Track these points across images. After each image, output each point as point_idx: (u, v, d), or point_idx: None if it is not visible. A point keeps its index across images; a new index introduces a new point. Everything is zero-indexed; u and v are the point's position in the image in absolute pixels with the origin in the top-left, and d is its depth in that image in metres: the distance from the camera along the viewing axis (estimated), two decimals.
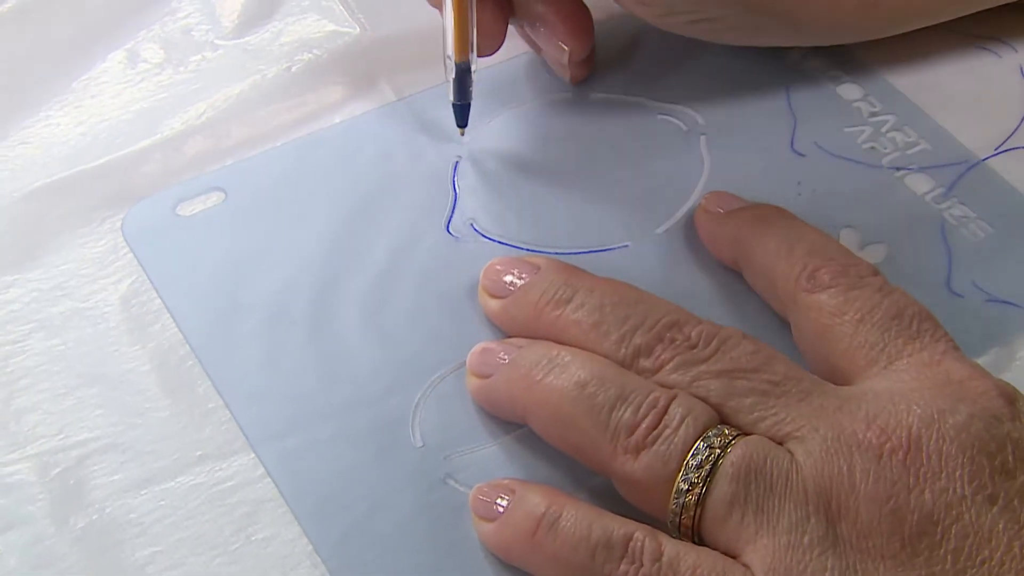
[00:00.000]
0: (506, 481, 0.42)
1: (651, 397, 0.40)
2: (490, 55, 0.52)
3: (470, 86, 0.51)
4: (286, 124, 0.53)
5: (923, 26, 0.53)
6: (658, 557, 0.38)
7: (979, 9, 0.54)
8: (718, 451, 0.39)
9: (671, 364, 0.41)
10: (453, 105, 0.52)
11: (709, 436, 0.39)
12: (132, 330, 0.47)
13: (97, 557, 0.41)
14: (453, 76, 0.51)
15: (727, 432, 0.39)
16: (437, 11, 0.50)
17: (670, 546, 0.38)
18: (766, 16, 0.51)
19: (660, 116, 0.53)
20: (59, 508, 0.42)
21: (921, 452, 0.37)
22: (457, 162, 0.51)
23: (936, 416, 0.38)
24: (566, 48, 0.52)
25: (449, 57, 0.51)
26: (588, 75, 0.54)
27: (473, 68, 0.51)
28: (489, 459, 0.43)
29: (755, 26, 0.52)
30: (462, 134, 0.52)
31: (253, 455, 0.44)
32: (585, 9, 0.52)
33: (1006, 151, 0.51)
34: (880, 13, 0.52)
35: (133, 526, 0.42)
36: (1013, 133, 0.51)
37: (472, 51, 0.51)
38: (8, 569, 0.41)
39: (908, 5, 0.52)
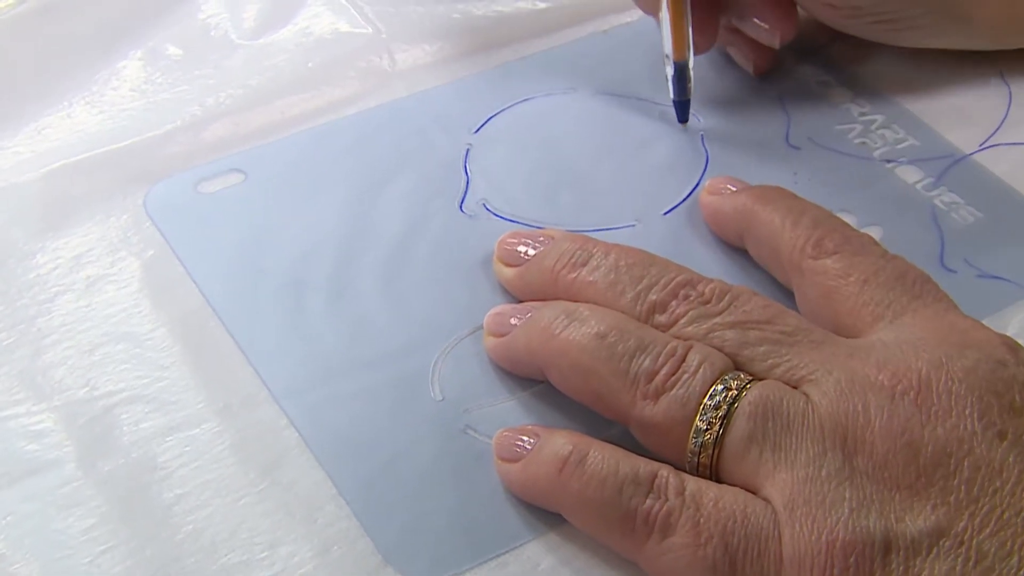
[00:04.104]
0: (530, 426, 0.43)
1: (669, 346, 0.42)
2: (705, 52, 0.56)
3: (689, 83, 0.54)
4: (302, 115, 0.55)
5: None
6: (682, 492, 0.39)
7: None
8: (735, 392, 0.40)
9: (686, 318, 0.43)
10: (674, 102, 0.55)
11: (726, 379, 0.40)
12: (155, 294, 0.48)
13: (124, 499, 0.42)
14: (672, 74, 0.54)
15: (743, 376, 0.41)
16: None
17: (692, 482, 0.39)
18: (945, 18, 0.54)
19: (662, 114, 0.55)
20: (86, 454, 0.43)
21: (932, 392, 0.39)
22: (468, 149, 0.53)
23: (944, 360, 0.39)
24: (776, 32, 0.55)
25: (668, 56, 0.54)
26: (773, 65, 0.58)
27: (691, 66, 0.54)
28: (507, 413, 0.44)
29: (932, 27, 0.55)
30: (684, 128, 0.55)
31: (276, 408, 0.45)
32: None
33: (990, 147, 0.53)
34: None
35: (159, 469, 0.43)
36: (995, 132, 0.54)
37: (689, 50, 0.54)
38: (35, 510, 0.42)
39: None
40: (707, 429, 0.40)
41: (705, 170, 0.53)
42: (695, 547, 0.38)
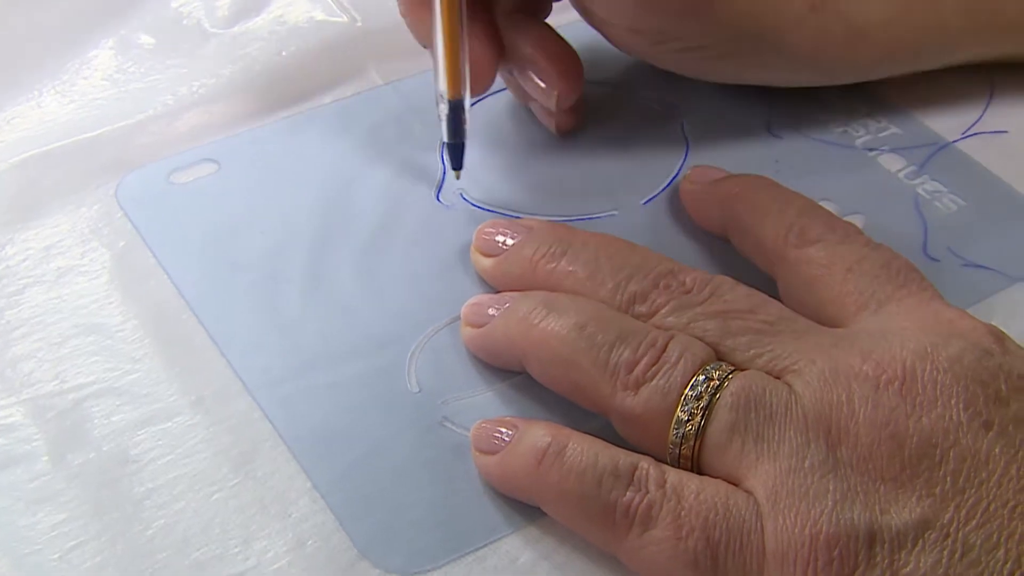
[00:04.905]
0: (508, 418, 0.42)
1: (649, 336, 0.41)
2: (480, 94, 0.51)
3: (464, 124, 0.50)
4: (276, 104, 0.54)
5: (909, 72, 0.54)
6: (662, 484, 0.38)
7: (968, 59, 0.55)
8: (717, 383, 0.39)
9: (666, 308, 0.42)
10: (447, 145, 0.50)
11: (708, 370, 0.40)
12: (127, 286, 0.47)
13: (95, 492, 0.41)
14: (447, 113, 0.49)
15: (725, 367, 0.40)
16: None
17: (673, 474, 0.39)
18: (755, 43, 0.51)
19: (641, 101, 0.55)
20: (56, 447, 0.42)
21: (916, 382, 0.38)
22: None
23: (929, 350, 0.39)
24: (554, 92, 0.51)
25: (441, 95, 0.49)
26: (576, 126, 0.53)
27: (466, 105, 0.50)
28: (486, 404, 0.44)
29: (746, 56, 0.52)
30: (457, 177, 0.51)
31: (250, 400, 0.44)
32: (573, 52, 0.52)
33: (973, 135, 0.53)
34: (866, 49, 0.52)
35: (131, 463, 0.42)
36: (978, 121, 0.53)
37: (465, 88, 0.49)
38: (4, 505, 0.41)
39: (894, 47, 0.52)
40: (688, 420, 0.39)
41: (685, 159, 0.52)
42: (676, 540, 0.37)
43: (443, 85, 0.49)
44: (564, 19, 0.52)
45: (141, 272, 0.48)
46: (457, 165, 0.51)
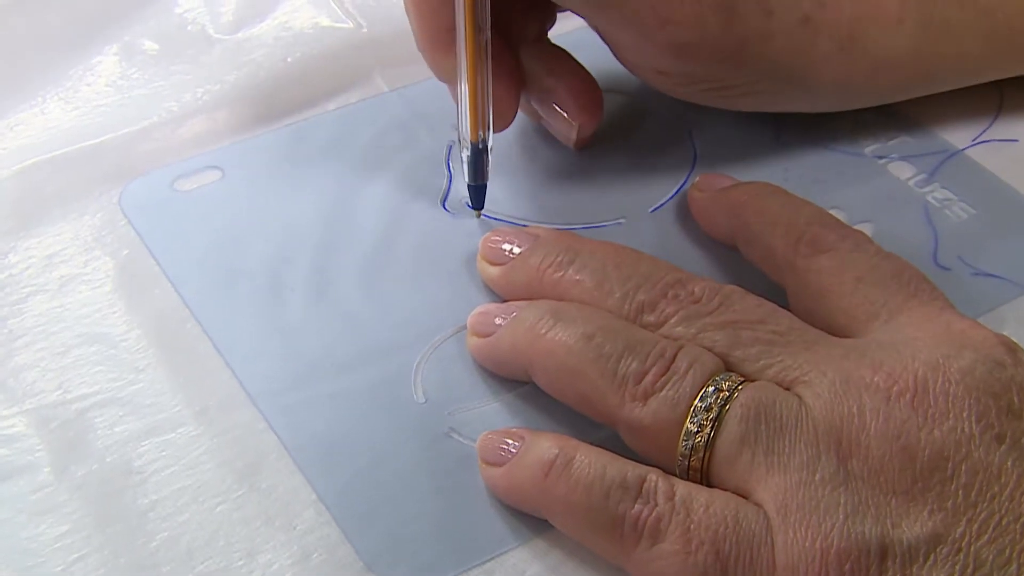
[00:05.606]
0: (515, 429, 0.42)
1: (658, 347, 0.41)
2: (502, 131, 0.51)
3: (486, 166, 0.49)
4: (281, 111, 0.54)
5: (928, 94, 0.54)
6: (671, 496, 0.38)
7: (983, 81, 0.54)
8: (726, 394, 0.39)
9: (675, 318, 0.42)
10: (468, 187, 0.50)
11: (717, 380, 0.39)
12: (130, 295, 0.47)
13: (98, 504, 0.41)
14: (468, 156, 0.49)
15: (735, 378, 0.40)
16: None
17: (682, 487, 0.38)
18: (782, 81, 0.51)
19: (649, 109, 0.54)
20: (59, 458, 0.42)
21: (928, 394, 0.38)
22: (451, 146, 0.52)
23: (941, 361, 0.39)
24: (575, 123, 0.51)
25: (464, 137, 0.49)
26: (591, 143, 0.53)
27: (490, 146, 0.49)
28: (492, 415, 0.43)
29: (771, 92, 0.52)
30: (478, 216, 0.50)
31: (254, 411, 0.44)
32: (594, 83, 0.52)
33: (983, 143, 0.53)
34: (889, 79, 0.52)
35: (135, 474, 0.42)
36: (988, 128, 0.53)
37: (488, 129, 0.49)
38: (6, 516, 0.41)
39: (916, 76, 0.52)
40: (698, 432, 0.39)
41: (694, 166, 0.52)
42: (685, 554, 0.37)
43: (466, 129, 0.48)
44: (569, 26, 0.52)
45: (145, 280, 0.47)
46: (479, 205, 0.50)
